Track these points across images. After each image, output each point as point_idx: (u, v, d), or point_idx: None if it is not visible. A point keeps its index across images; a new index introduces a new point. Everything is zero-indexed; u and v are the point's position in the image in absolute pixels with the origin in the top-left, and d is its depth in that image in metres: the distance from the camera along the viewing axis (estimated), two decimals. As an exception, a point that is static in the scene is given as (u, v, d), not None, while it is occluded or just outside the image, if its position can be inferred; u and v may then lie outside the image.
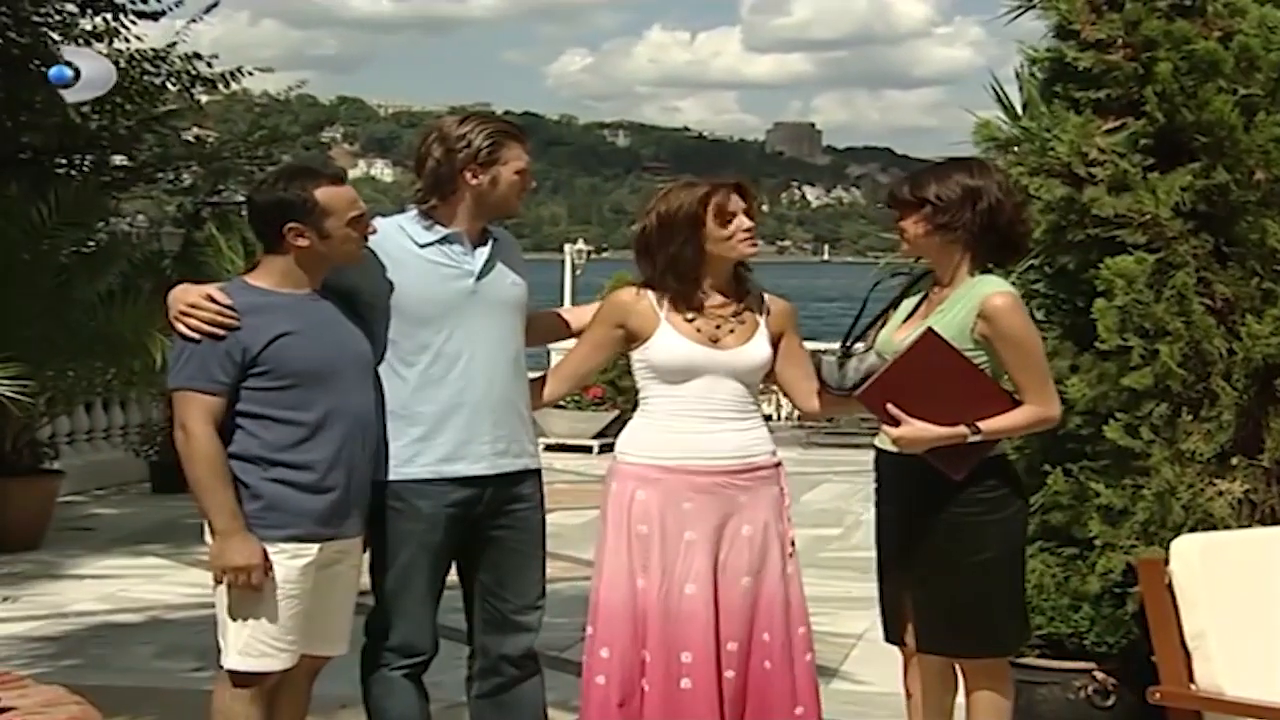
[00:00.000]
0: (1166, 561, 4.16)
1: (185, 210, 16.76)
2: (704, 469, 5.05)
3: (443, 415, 4.91)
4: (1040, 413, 5.06)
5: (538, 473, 5.18)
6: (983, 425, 4.93)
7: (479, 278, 4.96)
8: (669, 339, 5.07)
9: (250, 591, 4.68)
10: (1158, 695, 4.17)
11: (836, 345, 5.31)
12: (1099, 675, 6.38)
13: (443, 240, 4.95)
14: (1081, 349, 6.38)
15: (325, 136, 18.31)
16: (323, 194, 4.75)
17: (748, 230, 5.09)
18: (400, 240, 4.95)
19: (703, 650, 4.99)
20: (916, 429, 4.89)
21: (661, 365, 5.09)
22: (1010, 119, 9.66)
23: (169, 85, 14.47)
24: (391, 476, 4.92)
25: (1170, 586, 4.17)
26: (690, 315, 5.09)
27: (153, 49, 14.37)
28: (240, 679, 4.79)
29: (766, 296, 5.26)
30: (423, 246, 4.95)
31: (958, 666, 5.19)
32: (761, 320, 5.18)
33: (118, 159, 14.91)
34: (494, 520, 5.04)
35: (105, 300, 11.62)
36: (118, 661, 7.96)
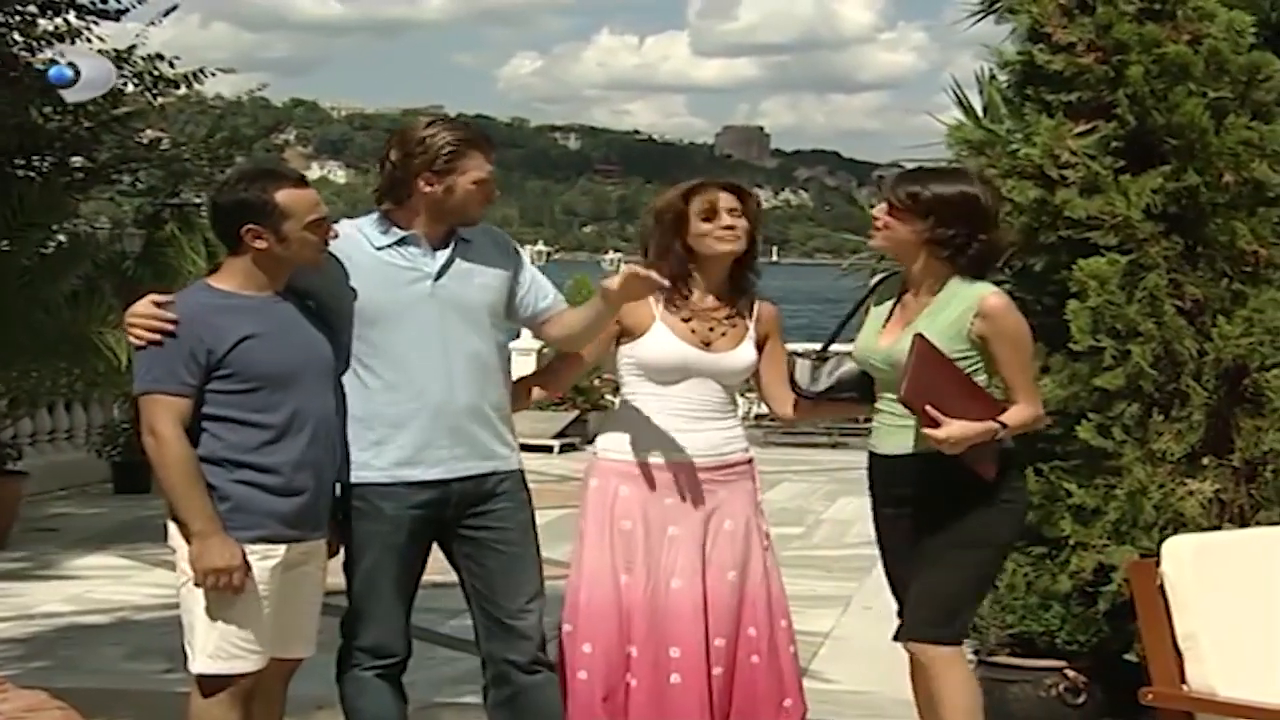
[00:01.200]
0: (1158, 563, 4.11)
1: (145, 211, 16.61)
2: (686, 465, 5.05)
3: (400, 419, 4.82)
4: (1036, 411, 5.02)
5: (516, 473, 5.03)
6: (1006, 419, 4.86)
7: (437, 278, 4.86)
8: (662, 338, 5.06)
9: (229, 593, 4.59)
10: (1150, 696, 4.13)
11: (801, 347, 5.31)
12: (1070, 673, 6.40)
13: (400, 242, 4.85)
14: (1052, 349, 6.36)
15: (279, 139, 18.13)
16: (283, 196, 4.66)
17: (726, 227, 5.04)
18: (358, 242, 4.86)
19: (691, 645, 4.97)
20: (960, 427, 4.76)
21: (652, 364, 5.07)
22: (971, 121, 9.69)
23: (132, 86, 14.31)
24: (354, 479, 4.83)
25: (1161, 587, 4.12)
26: (685, 315, 5.07)
27: (115, 49, 14.21)
28: (212, 683, 4.70)
29: (756, 301, 5.24)
30: (379, 249, 4.85)
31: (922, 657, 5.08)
32: (750, 324, 5.17)
33: (77, 160, 14.75)
34: (470, 522, 4.93)
35: (69, 301, 11.48)
36: (87, 663, 7.84)
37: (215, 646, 4.64)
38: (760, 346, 5.18)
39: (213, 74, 14.77)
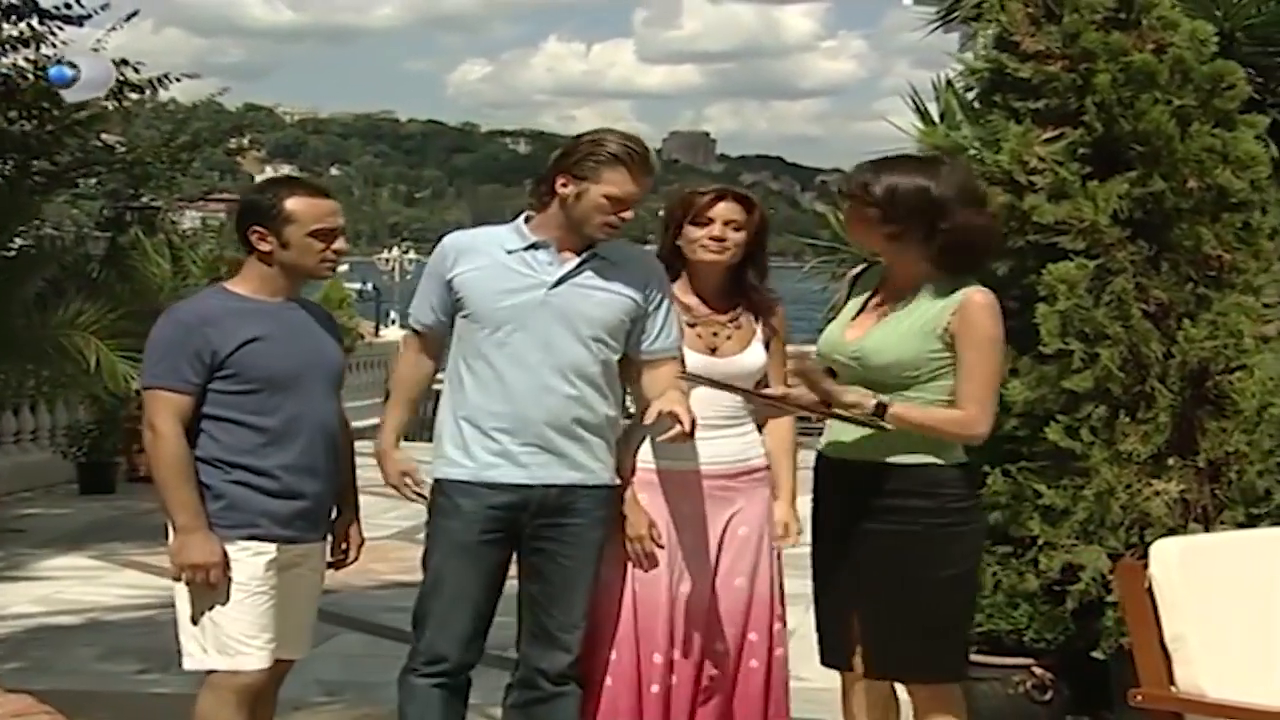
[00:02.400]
0: (1144, 564, 4.09)
1: (106, 215, 16.49)
2: (704, 473, 4.95)
3: (492, 420, 4.74)
4: (965, 420, 4.60)
5: (602, 488, 4.86)
6: (895, 409, 4.54)
7: (553, 287, 4.75)
8: None
9: (207, 589, 4.59)
10: (1139, 697, 4.09)
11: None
12: (1037, 671, 6.36)
13: (530, 248, 4.79)
14: (1020, 352, 6.33)
15: (235, 143, 17.99)
16: (291, 202, 4.67)
17: (714, 238, 4.96)
18: (493, 245, 4.84)
19: (695, 649, 4.92)
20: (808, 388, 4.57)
21: None
22: (927, 128, 9.72)
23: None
24: (441, 474, 4.81)
25: (1150, 589, 4.09)
26: (690, 321, 4.99)
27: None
28: (221, 679, 4.65)
29: (769, 303, 5.13)
30: (509, 252, 4.80)
31: (903, 690, 4.91)
32: (758, 326, 5.07)
33: (39, 163, 14.62)
34: (543, 531, 4.80)
35: (37, 303, 11.36)
36: (60, 664, 7.74)
37: (221, 643, 4.62)
38: (768, 346, 5.08)
39: (177, 79, 14.67)
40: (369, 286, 25.14)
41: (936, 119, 9.69)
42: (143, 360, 4.72)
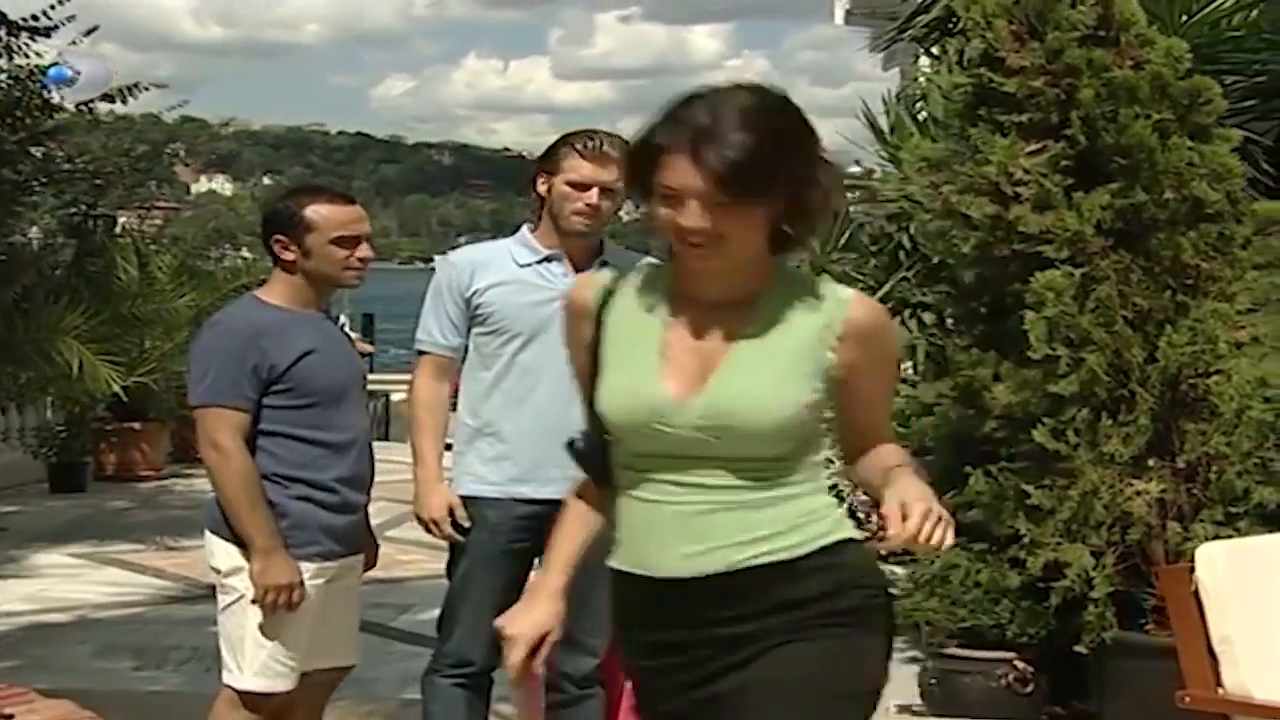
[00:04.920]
0: (1191, 569, 3.98)
1: (67, 224, 16.15)
2: None
3: (520, 435, 4.56)
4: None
5: None
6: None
7: None
8: None
9: (286, 611, 4.30)
10: (1188, 699, 3.99)
11: None
12: (1019, 664, 6.31)
13: (543, 260, 4.62)
14: (1003, 357, 6.26)
15: (172, 150, 17.66)
16: (312, 210, 4.40)
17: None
18: (506, 260, 4.64)
19: None
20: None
21: None
22: (879, 141, 9.64)
23: (64, 102, 13.86)
24: (469, 491, 4.60)
25: (1195, 592, 3.98)
26: None
27: (38, 66, 13.75)
28: (252, 700, 4.40)
29: None
30: (522, 266, 4.62)
31: None
32: None
33: (4, 172, 14.29)
34: None
35: (17, 309, 11.05)
36: (56, 662, 7.45)
37: (261, 664, 4.36)
38: None
39: (146, 89, 14.34)
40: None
41: (887, 132, 9.64)
42: (191, 373, 4.41)
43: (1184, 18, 7.43)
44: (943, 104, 7.37)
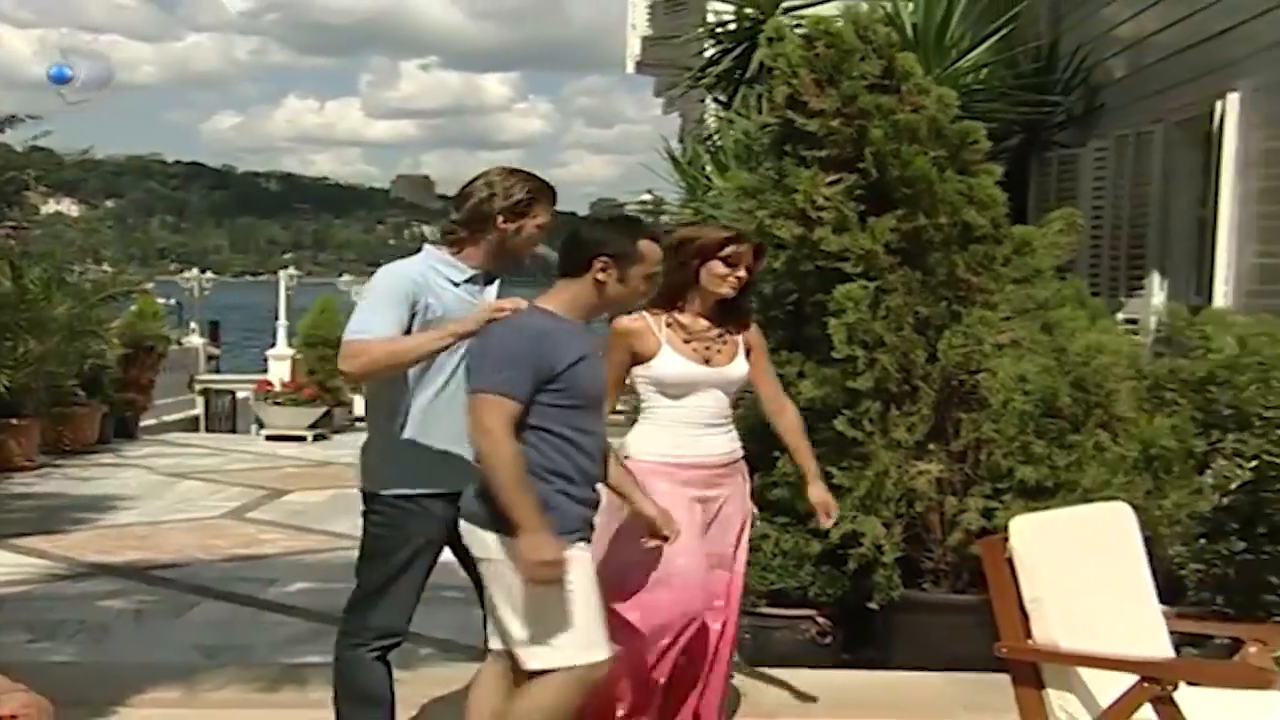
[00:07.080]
0: (1005, 539, 4.22)
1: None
2: (703, 464, 5.08)
3: (441, 437, 4.66)
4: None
5: None
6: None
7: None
8: (672, 359, 5.06)
9: (556, 589, 4.23)
10: (1004, 650, 4.21)
11: None
12: (820, 620, 6.69)
13: (469, 280, 4.70)
14: (807, 357, 6.70)
15: (24, 176, 17.46)
16: (645, 245, 4.42)
17: (738, 278, 5.12)
18: (439, 278, 4.67)
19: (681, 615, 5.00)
20: None
21: (666, 380, 5.07)
22: (678, 171, 10.13)
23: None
24: (400, 490, 4.68)
25: (1009, 559, 4.22)
26: (685, 338, 5.10)
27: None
28: (582, 673, 4.32)
29: (746, 322, 5.30)
30: (457, 285, 4.69)
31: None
32: (740, 341, 5.21)
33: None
34: None
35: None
36: (-45, 638, 7.49)
37: (577, 639, 4.31)
38: (749, 356, 5.23)
39: (22, 120, 14.31)
40: (173, 301, 25.35)
41: (685, 164, 10.15)
42: (478, 364, 4.33)
43: (937, 70, 7.95)
44: (735, 141, 7.75)
